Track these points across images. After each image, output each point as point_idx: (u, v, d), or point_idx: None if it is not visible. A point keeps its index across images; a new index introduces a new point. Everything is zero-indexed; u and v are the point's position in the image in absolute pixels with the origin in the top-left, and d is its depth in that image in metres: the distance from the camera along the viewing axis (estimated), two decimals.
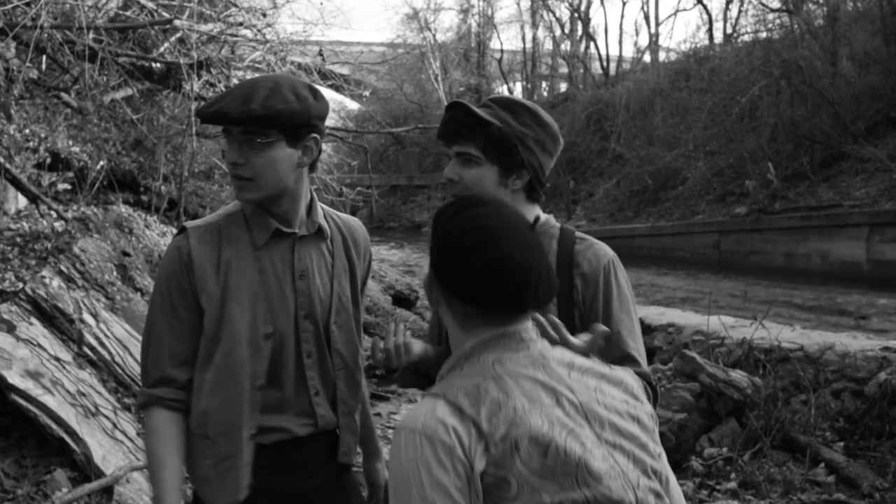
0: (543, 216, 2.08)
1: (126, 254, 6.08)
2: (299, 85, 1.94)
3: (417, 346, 2.01)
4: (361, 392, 2.20)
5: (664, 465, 1.46)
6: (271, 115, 1.85)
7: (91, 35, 6.40)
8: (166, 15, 7.46)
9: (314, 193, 2.11)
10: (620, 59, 37.89)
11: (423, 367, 2.05)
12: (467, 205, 1.47)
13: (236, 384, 1.92)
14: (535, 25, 42.76)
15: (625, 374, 1.52)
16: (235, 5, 9.02)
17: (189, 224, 1.97)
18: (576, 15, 40.01)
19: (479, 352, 1.43)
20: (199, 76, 7.31)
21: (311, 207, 2.07)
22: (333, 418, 2.08)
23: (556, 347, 1.51)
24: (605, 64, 36.88)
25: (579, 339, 1.70)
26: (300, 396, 2.02)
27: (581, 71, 38.33)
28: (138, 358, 4.79)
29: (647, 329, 7.25)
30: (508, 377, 1.36)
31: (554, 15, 41.81)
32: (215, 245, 1.93)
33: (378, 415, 6.21)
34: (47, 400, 3.79)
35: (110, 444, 3.95)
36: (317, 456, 2.08)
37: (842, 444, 5.02)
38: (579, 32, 40.22)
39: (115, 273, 5.74)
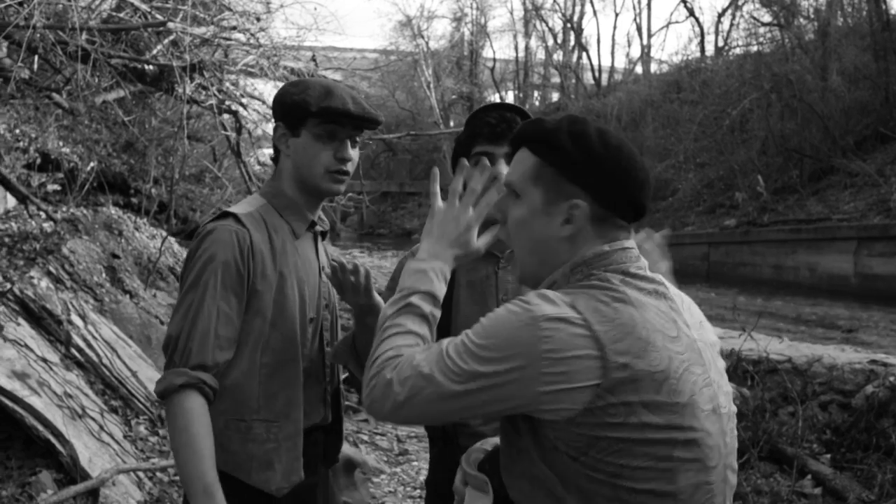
0: None
1: (115, 256, 6.06)
2: None
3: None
4: None
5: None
6: (378, 118, 2.01)
7: (84, 36, 6.38)
8: (160, 17, 7.44)
9: None
10: (612, 69, 38.15)
11: (358, 344, 2.06)
12: (589, 120, 1.47)
13: (295, 365, 1.95)
14: (527, 35, 42.99)
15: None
16: (229, 9, 9.01)
17: (236, 210, 1.95)
18: (568, 25, 40.25)
19: (600, 264, 1.40)
20: (192, 79, 7.29)
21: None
22: (331, 411, 2.11)
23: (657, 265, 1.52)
24: (597, 74, 37.10)
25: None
26: (319, 384, 2.06)
27: (573, 81, 38.56)
28: (126, 360, 4.81)
29: None
30: (634, 302, 1.33)
31: (547, 25, 42.05)
32: (265, 232, 1.95)
33: (366, 420, 6.20)
34: (34, 401, 3.77)
35: (97, 447, 3.92)
36: (318, 451, 2.10)
37: (829, 456, 5.03)
38: (572, 43, 40.47)
39: (103, 275, 5.72)
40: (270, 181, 2.07)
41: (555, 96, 41.98)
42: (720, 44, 30.43)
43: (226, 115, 7.86)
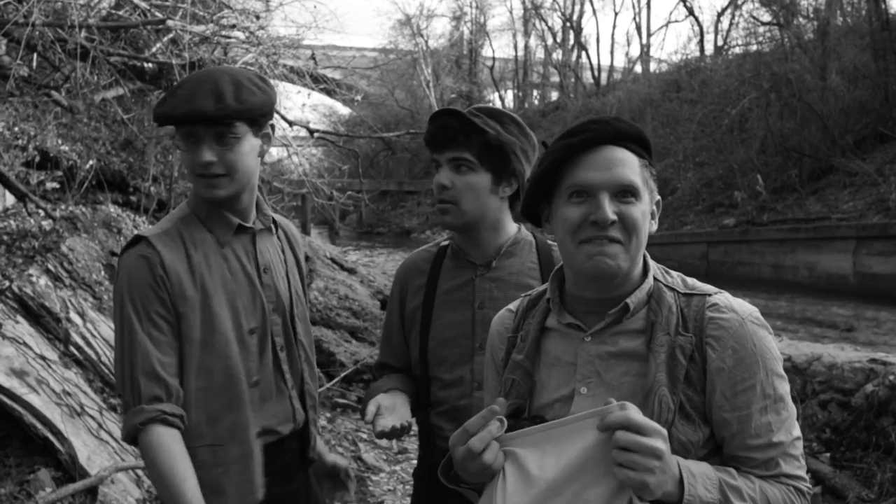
0: (517, 226, 2.15)
1: (114, 254, 6.04)
2: (253, 75, 1.94)
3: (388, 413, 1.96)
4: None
5: None
6: (246, 108, 1.82)
7: (83, 33, 6.37)
8: (159, 15, 7.44)
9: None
10: (612, 68, 38.13)
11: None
12: None
13: (236, 384, 1.88)
14: (527, 34, 43.00)
15: None
16: (229, 7, 9.01)
17: (146, 233, 1.87)
18: (568, 24, 40.25)
19: None
20: None
21: (258, 201, 2.05)
22: (303, 413, 2.06)
23: None
24: (596, 73, 37.08)
25: None
26: (280, 391, 1.99)
27: (572, 80, 38.55)
28: None
29: None
30: None
31: (546, 24, 42.06)
32: (182, 249, 1.87)
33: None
34: (32, 399, 3.76)
35: (95, 445, 3.92)
36: (293, 458, 2.06)
37: (828, 454, 5.03)
38: (571, 42, 40.48)
39: (102, 273, 5.70)
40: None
41: (554, 95, 41.97)
42: (719, 43, 30.46)
43: None
